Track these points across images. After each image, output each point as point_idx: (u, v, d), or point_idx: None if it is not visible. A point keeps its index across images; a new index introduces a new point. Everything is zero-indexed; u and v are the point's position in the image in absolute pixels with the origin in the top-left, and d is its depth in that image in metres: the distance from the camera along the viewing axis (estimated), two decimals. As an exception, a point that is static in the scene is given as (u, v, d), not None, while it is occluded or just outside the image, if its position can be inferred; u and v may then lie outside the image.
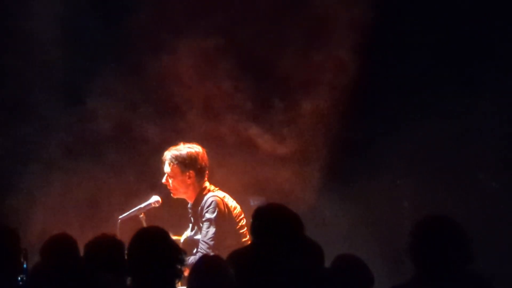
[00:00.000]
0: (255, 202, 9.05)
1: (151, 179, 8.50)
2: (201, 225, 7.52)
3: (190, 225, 7.67)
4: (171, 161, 7.56)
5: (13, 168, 9.28)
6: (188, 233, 7.68)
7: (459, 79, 8.99)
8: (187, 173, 7.54)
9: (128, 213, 7.72)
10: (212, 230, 7.43)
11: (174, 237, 7.29)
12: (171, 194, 7.67)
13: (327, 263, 5.37)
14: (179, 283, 5.52)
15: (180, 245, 7.35)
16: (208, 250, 7.34)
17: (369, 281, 5.26)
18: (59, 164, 9.28)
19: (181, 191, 7.61)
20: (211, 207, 7.47)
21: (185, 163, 7.53)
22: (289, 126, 9.29)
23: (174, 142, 7.73)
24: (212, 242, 7.40)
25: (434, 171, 9.07)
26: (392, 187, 9.27)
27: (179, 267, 5.04)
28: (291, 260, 5.15)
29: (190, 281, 5.36)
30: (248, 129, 9.21)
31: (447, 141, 9.02)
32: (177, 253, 5.07)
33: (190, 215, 7.69)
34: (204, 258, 5.60)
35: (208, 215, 7.47)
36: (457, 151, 8.99)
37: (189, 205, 7.69)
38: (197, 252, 7.44)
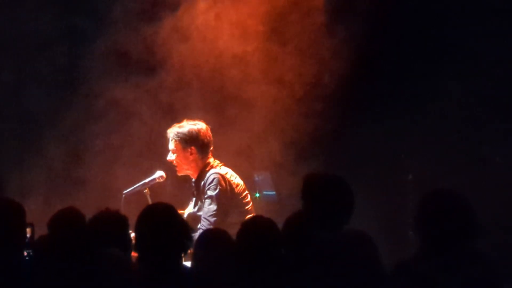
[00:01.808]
0: (259, 177, 9.05)
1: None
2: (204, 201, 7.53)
3: (194, 199, 7.67)
4: (173, 138, 7.57)
5: (19, 144, 9.30)
6: (191, 209, 7.67)
7: (462, 60, 9.00)
8: (189, 149, 7.54)
9: (132, 188, 7.73)
10: (213, 207, 7.43)
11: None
12: (176, 172, 7.67)
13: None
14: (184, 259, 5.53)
15: (185, 220, 7.39)
16: (209, 228, 7.33)
17: (375, 255, 5.27)
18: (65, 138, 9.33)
19: (185, 167, 7.60)
20: (212, 184, 7.47)
21: (186, 139, 7.53)
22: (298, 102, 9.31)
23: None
24: (214, 219, 7.40)
25: (438, 145, 9.08)
26: (396, 161, 9.28)
27: (186, 242, 5.05)
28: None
29: (195, 255, 5.38)
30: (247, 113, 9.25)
31: (451, 115, 9.03)
32: (185, 228, 5.07)
33: (193, 190, 7.69)
34: (208, 231, 5.61)
35: (209, 192, 7.47)
36: (460, 125, 9.00)
37: (192, 181, 7.69)
38: (199, 229, 7.44)
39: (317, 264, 5.16)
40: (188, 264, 5.72)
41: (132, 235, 5.47)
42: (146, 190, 7.71)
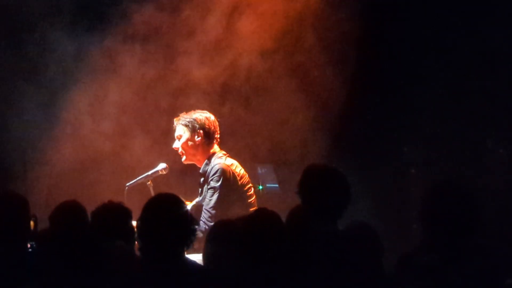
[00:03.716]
0: (263, 170, 9.05)
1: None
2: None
3: (200, 190, 7.67)
4: (180, 123, 7.62)
5: (21, 136, 9.29)
6: (197, 199, 7.68)
7: (464, 53, 8.98)
8: (195, 134, 7.57)
9: (135, 180, 7.74)
10: (215, 198, 7.43)
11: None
12: (182, 160, 7.67)
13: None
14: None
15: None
16: (209, 219, 7.35)
17: (379, 249, 5.26)
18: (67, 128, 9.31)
19: (190, 153, 7.61)
20: (216, 175, 7.47)
21: (194, 124, 7.58)
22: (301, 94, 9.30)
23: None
24: (214, 211, 7.40)
25: (441, 138, 9.07)
26: (399, 154, 9.27)
27: (189, 235, 5.05)
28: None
29: (207, 247, 5.38)
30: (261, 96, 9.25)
31: (454, 107, 9.02)
32: (188, 221, 5.07)
33: (200, 180, 7.69)
34: (220, 223, 5.60)
35: (213, 183, 7.47)
36: (464, 117, 8.99)
37: (200, 170, 7.70)
38: (200, 220, 7.44)
39: (321, 257, 5.16)
40: (196, 257, 5.74)
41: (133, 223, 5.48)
42: (149, 182, 7.72)
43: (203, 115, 7.63)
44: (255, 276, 5.02)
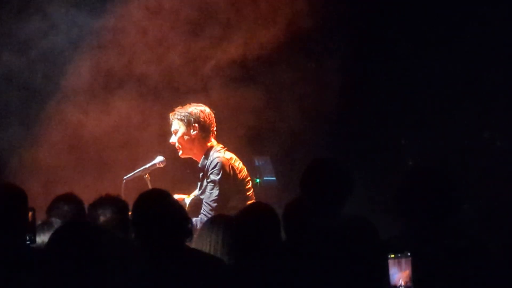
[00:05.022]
0: (260, 162, 9.06)
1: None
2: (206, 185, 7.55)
3: (199, 184, 7.69)
4: (176, 118, 7.64)
5: (17, 127, 9.28)
6: (196, 192, 7.70)
7: (462, 44, 8.99)
8: (191, 127, 7.57)
9: (133, 173, 7.76)
10: (215, 192, 7.46)
11: (178, 196, 7.37)
12: (179, 154, 7.68)
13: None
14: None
15: (185, 205, 7.41)
16: (210, 212, 7.38)
17: (375, 240, 5.27)
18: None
19: (187, 147, 7.63)
20: (216, 168, 7.49)
21: (189, 118, 7.59)
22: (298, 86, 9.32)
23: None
24: (215, 204, 7.42)
25: (438, 130, 9.08)
26: (397, 146, 9.28)
27: (188, 225, 5.07)
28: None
29: (199, 240, 5.40)
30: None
31: (452, 99, 9.03)
32: (181, 212, 5.09)
33: (198, 174, 7.70)
34: (215, 218, 5.62)
35: (212, 177, 7.49)
36: (462, 109, 9.00)
37: (199, 166, 7.71)
38: (201, 213, 7.46)
39: (317, 250, 5.17)
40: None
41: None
42: (146, 176, 7.73)
43: (198, 108, 7.64)
44: (247, 269, 5.02)
